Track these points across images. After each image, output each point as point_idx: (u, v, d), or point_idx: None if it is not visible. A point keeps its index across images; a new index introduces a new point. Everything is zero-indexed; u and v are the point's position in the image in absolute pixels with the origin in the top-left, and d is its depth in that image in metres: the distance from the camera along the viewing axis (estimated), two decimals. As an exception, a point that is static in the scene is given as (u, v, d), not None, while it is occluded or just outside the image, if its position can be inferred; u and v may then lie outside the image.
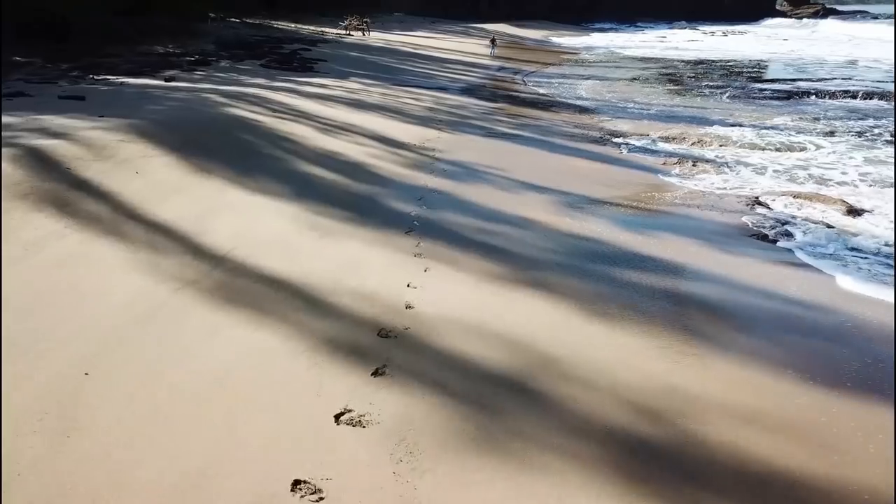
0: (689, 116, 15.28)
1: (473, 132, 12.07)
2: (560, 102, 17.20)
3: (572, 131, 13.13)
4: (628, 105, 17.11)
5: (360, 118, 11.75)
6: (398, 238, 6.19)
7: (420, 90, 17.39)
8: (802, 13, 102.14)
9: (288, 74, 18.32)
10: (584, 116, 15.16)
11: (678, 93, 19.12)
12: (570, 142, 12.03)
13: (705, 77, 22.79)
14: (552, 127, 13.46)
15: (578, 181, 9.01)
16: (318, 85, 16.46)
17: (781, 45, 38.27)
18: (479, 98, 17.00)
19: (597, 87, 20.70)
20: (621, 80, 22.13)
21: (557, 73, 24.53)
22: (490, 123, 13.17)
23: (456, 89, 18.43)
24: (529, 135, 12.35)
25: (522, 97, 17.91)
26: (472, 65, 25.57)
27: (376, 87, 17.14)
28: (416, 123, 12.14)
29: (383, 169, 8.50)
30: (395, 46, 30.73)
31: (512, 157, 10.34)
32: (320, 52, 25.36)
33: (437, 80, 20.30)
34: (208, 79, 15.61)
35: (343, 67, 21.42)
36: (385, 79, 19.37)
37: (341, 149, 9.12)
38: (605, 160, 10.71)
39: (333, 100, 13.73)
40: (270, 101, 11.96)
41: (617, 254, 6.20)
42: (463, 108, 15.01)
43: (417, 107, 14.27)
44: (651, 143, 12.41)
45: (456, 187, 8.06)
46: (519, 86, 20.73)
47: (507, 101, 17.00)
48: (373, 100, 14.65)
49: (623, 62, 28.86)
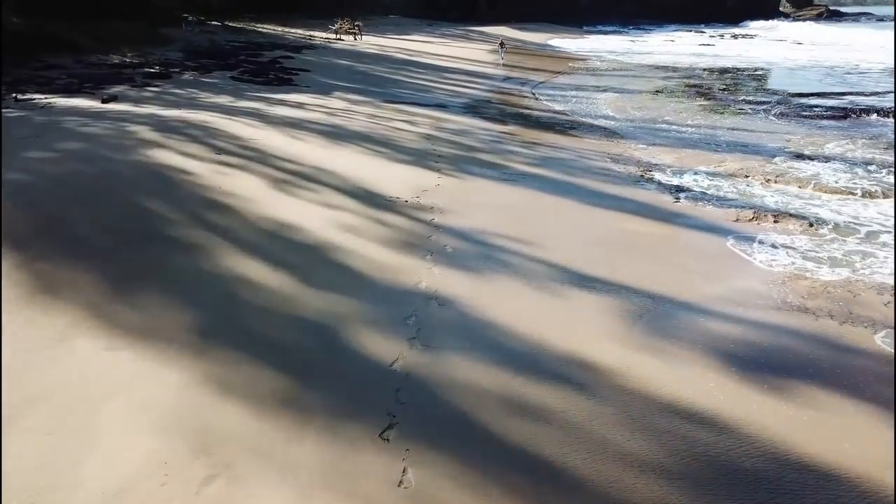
0: (740, 143, 12.56)
1: (483, 172, 9.33)
2: (581, 123, 14.47)
3: (605, 166, 10.40)
4: (660, 126, 14.39)
5: (336, 157, 8.99)
6: (365, 455, 3.21)
7: (415, 109, 14.65)
8: (805, 15, 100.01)
9: (260, 89, 15.57)
10: (612, 143, 12.43)
11: (714, 109, 16.40)
12: (608, 184, 9.29)
13: (738, 89, 20.07)
14: (579, 160, 10.72)
15: (639, 260, 6.27)
16: (294, 104, 13.70)
17: (802, 50, 35.61)
18: (486, 118, 14.26)
19: (618, 101, 17.97)
20: (643, 93, 19.41)
21: (570, 83, 21.79)
22: (502, 157, 10.42)
23: (457, 106, 15.69)
24: (554, 174, 9.61)
25: (536, 116, 15.17)
26: (473, 74, 22.82)
27: (364, 106, 14.39)
28: (409, 162, 9.38)
29: (357, 255, 5.68)
30: (389, 53, 27.97)
31: (537, 214, 7.59)
32: (304, 60, 22.59)
33: (435, 95, 17.55)
34: (158, 98, 12.87)
35: (327, 79, 18.66)
36: (375, 93, 16.62)
37: (299, 217, 6.30)
38: (659, 215, 7.97)
39: (307, 128, 10.98)
40: (220, 134, 9.21)
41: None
42: (467, 133, 12.27)
43: (411, 134, 11.52)
44: (708, 184, 9.71)
45: (465, 287, 5.27)
46: (529, 100, 17.99)
47: (519, 121, 14.26)
48: (357, 125, 11.89)
49: (639, 70, 26.14)
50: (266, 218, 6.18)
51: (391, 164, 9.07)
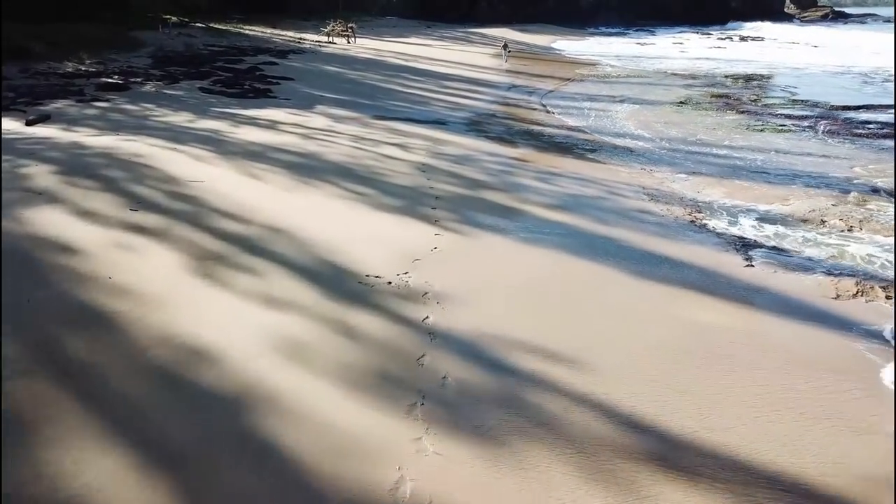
0: (797, 171, 10.41)
1: (493, 223, 7.16)
2: (602, 144, 12.32)
3: (643, 207, 8.25)
4: (695, 147, 12.25)
5: (300, 207, 6.82)
6: None
7: (410, 126, 12.51)
8: (810, 16, 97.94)
9: (230, 103, 13.43)
10: (644, 171, 10.29)
11: (751, 126, 14.25)
12: (653, 236, 7.14)
13: (770, 100, 17.90)
14: (610, 198, 8.58)
15: (733, 393, 4.12)
16: (265, 123, 11.56)
17: (821, 54, 33.48)
18: (492, 138, 12.12)
19: (639, 115, 15.83)
20: (666, 105, 17.26)
21: (581, 92, 19.63)
22: (515, 196, 8.26)
23: (458, 123, 13.55)
24: (582, 223, 7.46)
25: (549, 134, 13.03)
26: (475, 82, 20.66)
27: (349, 124, 12.24)
28: (397, 208, 7.23)
29: (299, 417, 3.40)
30: (384, 57, 25.81)
31: (570, 297, 5.42)
32: (289, 66, 20.43)
33: (432, 108, 15.40)
34: (102, 117, 10.72)
35: (312, 89, 16.51)
36: (364, 107, 14.47)
37: (222, 333, 3.96)
38: (733, 292, 5.81)
39: (273, 159, 8.84)
40: (151, 175, 7.03)
41: None
42: (471, 160, 10.13)
43: (403, 164, 9.38)
44: (779, 232, 7.60)
45: (476, 487, 3.14)
46: (539, 113, 15.84)
47: (531, 142, 12.11)
48: (337, 152, 9.74)
49: (654, 77, 23.98)
50: (168, 339, 3.90)
51: (373, 214, 6.92)
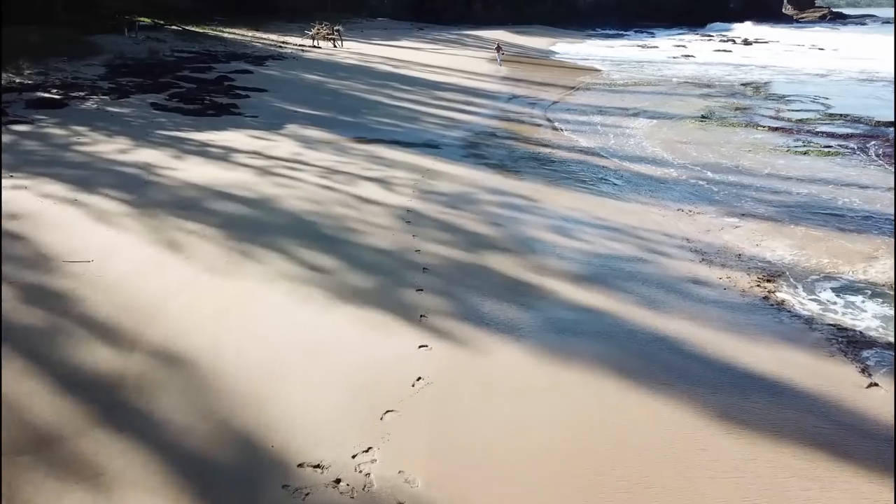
0: (863, 211, 8.34)
1: (502, 318, 5.01)
2: (624, 172, 10.22)
3: (694, 273, 6.16)
4: (733, 175, 10.17)
5: (222, 304, 4.68)
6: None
7: (395, 152, 10.40)
8: (808, 17, 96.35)
9: (184, 123, 11.30)
10: (684, 213, 8.22)
11: (791, 148, 12.19)
12: (723, 331, 5.06)
13: (805, 115, 15.84)
14: (651, 258, 6.49)
15: None
16: (218, 151, 9.43)
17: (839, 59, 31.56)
18: (493, 166, 10.02)
19: (659, 132, 13.77)
20: (686, 120, 15.21)
21: (589, 104, 17.54)
22: (528, 261, 6.11)
23: (453, 145, 11.45)
24: (625, 309, 5.34)
25: (561, 160, 10.92)
26: (471, 92, 18.55)
27: (322, 150, 10.12)
28: (367, 297, 5.09)
29: None
30: (372, 63, 23.66)
31: (641, 490, 3.38)
32: (264, 75, 18.26)
33: (423, 126, 13.30)
34: (11, 147, 8.60)
35: (285, 103, 14.37)
36: (343, 126, 12.35)
37: None
38: (863, 440, 3.78)
39: (210, 211, 6.72)
40: (10, 256, 4.93)
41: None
42: (468, 201, 8.01)
43: (383, 213, 7.25)
44: (884, 312, 5.57)
45: None
46: (545, 131, 13.76)
47: (540, 171, 9.97)
48: (299, 196, 7.62)
49: (666, 86, 21.92)
50: None
51: (332, 309, 4.81)
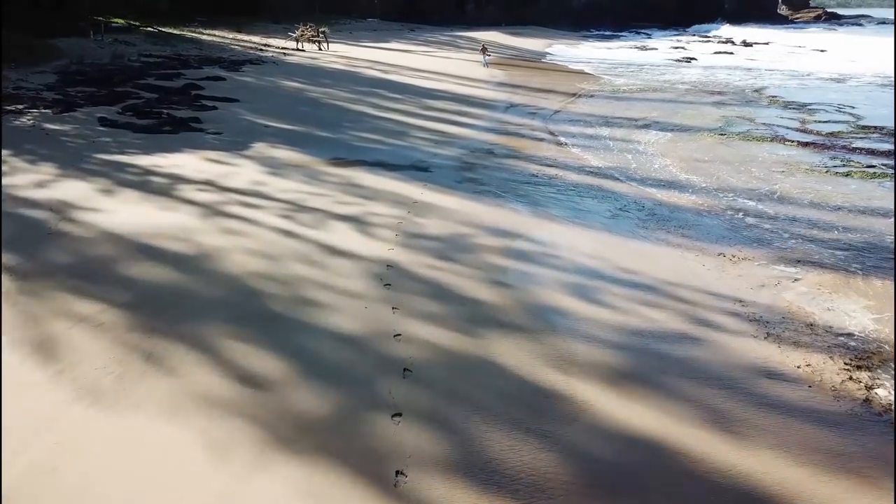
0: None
1: (519, 473, 3.44)
2: (645, 200, 8.65)
3: (767, 360, 4.58)
4: (773, 205, 8.64)
5: (90, 480, 3.12)
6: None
7: (377, 178, 8.76)
8: (803, 17, 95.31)
9: (131, 144, 9.64)
10: (727, 260, 6.66)
11: (831, 169, 10.64)
12: (826, 475, 3.52)
13: (834, 127, 14.32)
14: (701, 336, 4.91)
15: None
16: (161, 182, 7.79)
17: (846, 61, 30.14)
18: (492, 195, 8.36)
19: (676, 148, 12.21)
20: (704, 133, 13.65)
21: (594, 114, 15.97)
22: (547, 350, 4.52)
23: (446, 167, 9.84)
24: (689, 436, 3.78)
25: (570, 184, 9.31)
26: (466, 100, 16.95)
27: (291, 177, 8.48)
28: (313, 446, 3.47)
29: None
30: (358, 68, 22.01)
31: None
32: (239, 82, 16.58)
33: (411, 142, 11.67)
34: None
35: (256, 116, 12.71)
36: (320, 144, 10.72)
37: None
38: None
39: (116, 282, 5.06)
40: None
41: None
42: (465, 249, 6.40)
43: (355, 272, 5.63)
44: None
45: None
46: (549, 146, 12.16)
47: (550, 200, 8.36)
48: (250, 245, 5.99)
49: (674, 92, 20.37)
50: None
51: (265, 470, 3.20)
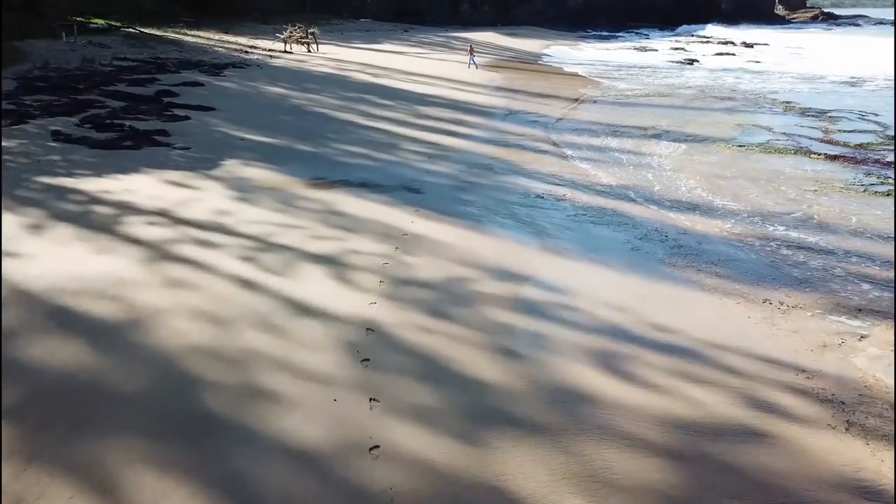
0: None
1: None
2: (667, 228, 7.50)
3: (870, 481, 3.45)
4: (815, 233, 7.52)
5: None
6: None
7: (361, 204, 7.57)
8: (800, 17, 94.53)
9: (82, 163, 8.44)
10: (777, 310, 5.52)
11: (868, 187, 9.50)
12: None
13: (862, 137, 13.21)
14: (778, 449, 3.71)
15: None
16: (103, 216, 6.59)
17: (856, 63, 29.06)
18: (493, 224, 7.24)
19: (694, 161, 11.07)
20: (721, 143, 12.51)
21: (600, 122, 14.83)
22: (576, 472, 3.45)
23: (439, 187, 8.66)
24: None
25: (581, 206, 8.14)
26: (462, 107, 15.78)
27: (260, 205, 7.30)
28: None
29: None
30: (348, 71, 20.82)
31: None
32: (218, 88, 15.39)
33: (402, 157, 10.51)
34: None
35: (232, 127, 11.52)
36: (300, 159, 9.55)
37: None
38: None
39: (16, 363, 3.96)
40: None
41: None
42: (460, 300, 5.24)
43: (322, 340, 4.43)
44: None
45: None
46: (552, 160, 11.00)
47: (559, 226, 7.21)
48: (196, 303, 4.78)
49: (681, 98, 19.22)
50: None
51: None
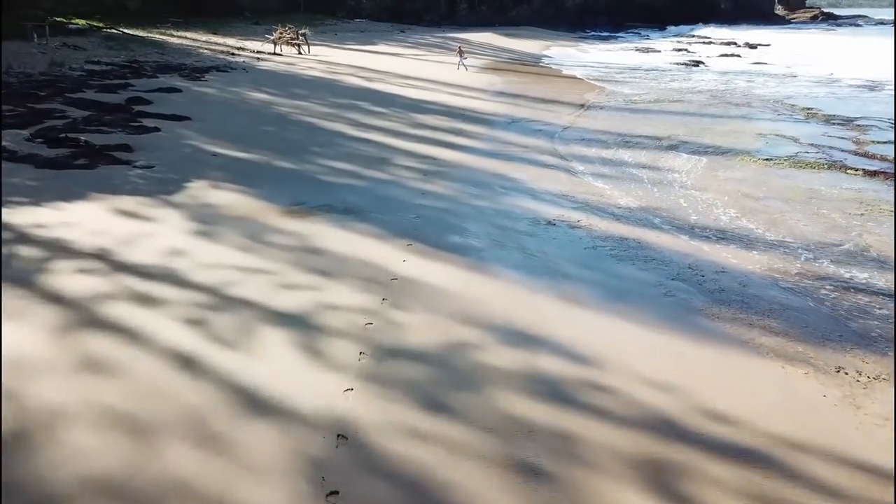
0: None
1: None
2: (705, 266, 6.37)
3: None
4: (868, 269, 6.38)
5: None
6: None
7: (345, 237, 6.36)
8: (800, 17, 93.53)
9: (22, 188, 7.17)
10: (854, 382, 4.36)
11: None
12: None
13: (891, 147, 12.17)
14: None
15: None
16: (28, 259, 5.38)
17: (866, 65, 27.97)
18: (498, 262, 6.06)
19: (719, 179, 9.90)
20: (745, 157, 11.35)
21: (610, 130, 13.64)
22: None
23: (435, 217, 7.45)
24: None
25: (599, 235, 6.96)
26: (461, 114, 14.60)
27: (223, 241, 6.10)
28: None
29: None
30: (339, 75, 19.63)
31: None
32: (197, 94, 14.18)
33: (394, 174, 9.29)
34: None
35: (204, 140, 10.30)
36: (277, 179, 8.32)
37: None
38: None
39: None
40: None
41: None
42: (464, 380, 4.05)
43: (277, 462, 3.29)
44: None
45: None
46: (563, 178, 9.79)
47: (573, 266, 6.11)
48: (110, 400, 3.58)
49: (693, 104, 18.03)
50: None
51: None
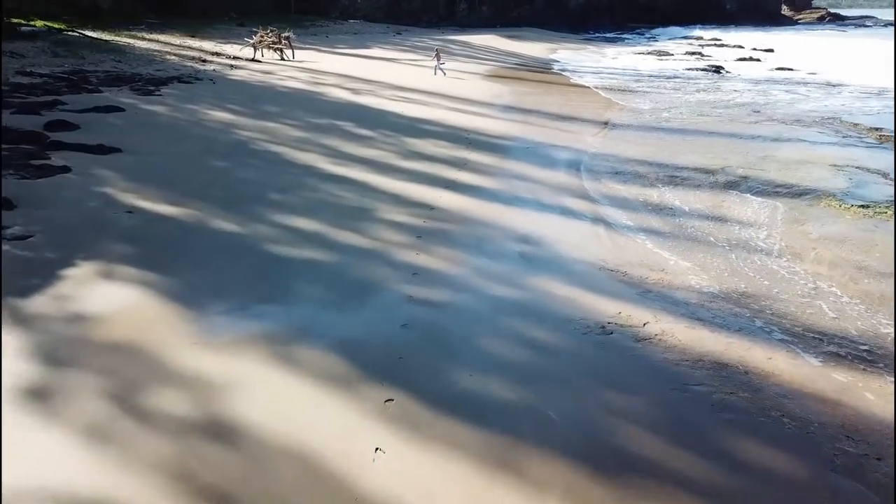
0: None
1: None
2: (875, 442, 3.86)
3: None
4: None
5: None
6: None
7: (284, 379, 3.82)
8: (806, 18, 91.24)
9: None
10: None
11: None
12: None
13: None
14: None
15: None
16: None
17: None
18: (530, 439, 3.57)
19: (811, 239, 7.31)
20: (829, 200, 8.78)
21: (647, 159, 11.00)
22: None
23: (433, 337, 4.89)
24: None
25: (682, 352, 4.49)
26: (465, 137, 11.96)
27: (56, 423, 3.55)
28: None
29: None
30: (324, 85, 17.00)
31: None
32: (142, 114, 11.55)
33: (375, 247, 6.65)
34: None
35: (126, 185, 7.62)
36: (204, 256, 5.60)
37: None
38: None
39: None
40: None
41: None
42: None
43: None
44: None
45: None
46: (603, 236, 7.22)
47: (645, 422, 3.60)
48: None
49: (736, 121, 15.41)
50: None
51: None
